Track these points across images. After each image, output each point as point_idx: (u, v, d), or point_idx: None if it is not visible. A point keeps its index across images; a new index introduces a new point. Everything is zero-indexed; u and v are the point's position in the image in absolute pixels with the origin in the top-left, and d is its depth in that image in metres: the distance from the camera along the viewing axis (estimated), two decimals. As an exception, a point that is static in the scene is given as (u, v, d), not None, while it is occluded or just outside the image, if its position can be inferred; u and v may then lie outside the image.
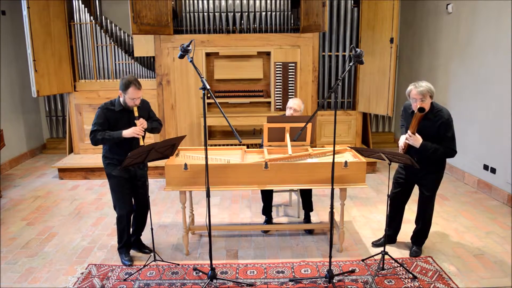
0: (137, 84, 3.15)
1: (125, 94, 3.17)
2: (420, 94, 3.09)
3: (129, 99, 3.17)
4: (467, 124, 5.23)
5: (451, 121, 3.18)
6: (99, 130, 3.17)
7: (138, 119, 3.22)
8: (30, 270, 3.36)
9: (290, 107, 3.91)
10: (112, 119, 3.22)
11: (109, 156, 3.30)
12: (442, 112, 3.18)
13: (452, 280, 3.13)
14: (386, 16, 5.37)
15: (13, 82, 6.36)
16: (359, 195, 4.95)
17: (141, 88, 3.20)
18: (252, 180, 3.32)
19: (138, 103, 3.22)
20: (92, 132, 3.17)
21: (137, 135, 3.19)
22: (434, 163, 3.27)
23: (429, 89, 3.10)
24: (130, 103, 3.20)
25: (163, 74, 5.73)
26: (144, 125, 3.24)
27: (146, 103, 3.41)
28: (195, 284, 3.11)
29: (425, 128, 3.17)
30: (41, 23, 5.28)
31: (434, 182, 3.34)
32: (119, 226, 3.41)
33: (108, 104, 3.25)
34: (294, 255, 3.55)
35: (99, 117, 3.19)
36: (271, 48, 5.69)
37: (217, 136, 6.06)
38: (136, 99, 3.18)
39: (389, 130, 7.37)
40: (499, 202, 4.66)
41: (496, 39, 4.68)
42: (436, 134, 3.18)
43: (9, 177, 5.83)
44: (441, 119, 3.16)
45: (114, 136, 3.17)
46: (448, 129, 3.16)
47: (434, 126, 3.17)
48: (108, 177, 3.35)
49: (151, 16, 5.33)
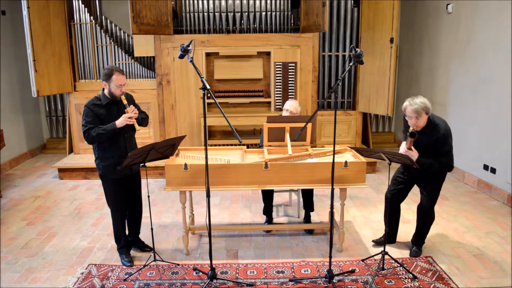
0: (119, 70, 3.12)
1: (109, 83, 3.11)
2: (414, 112, 3.06)
3: (114, 86, 3.11)
4: (467, 124, 5.23)
5: (447, 136, 3.14)
6: (92, 128, 3.10)
7: (129, 106, 3.16)
8: (30, 270, 3.36)
9: (287, 109, 3.91)
10: (101, 114, 3.15)
11: (104, 156, 3.24)
12: (439, 127, 3.14)
13: (452, 280, 3.13)
14: (386, 16, 5.37)
15: (13, 82, 6.36)
16: (359, 195, 4.95)
17: (124, 74, 3.15)
18: (252, 180, 3.32)
19: (124, 90, 3.16)
20: (86, 132, 3.11)
21: (130, 121, 3.12)
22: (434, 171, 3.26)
23: (423, 106, 3.05)
24: (116, 92, 3.13)
25: (163, 74, 5.73)
26: (135, 112, 3.17)
27: (130, 96, 3.33)
28: (195, 284, 3.11)
29: (422, 142, 3.16)
30: (41, 23, 5.28)
31: (436, 186, 3.33)
32: (115, 227, 3.42)
33: (94, 100, 3.18)
34: (294, 255, 3.55)
35: (88, 115, 3.12)
36: (271, 48, 5.69)
37: (217, 136, 6.06)
38: (122, 85, 3.13)
39: (389, 130, 7.36)
40: (499, 202, 4.66)
41: (496, 39, 4.68)
42: (433, 148, 3.15)
43: (9, 177, 5.83)
44: (437, 134, 3.12)
45: (108, 128, 3.11)
46: (444, 144, 3.13)
47: (431, 141, 3.14)
48: (104, 179, 3.33)
49: (151, 16, 5.33)
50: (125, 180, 3.36)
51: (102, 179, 3.34)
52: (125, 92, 3.20)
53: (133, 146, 3.36)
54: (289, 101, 3.97)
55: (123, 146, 3.25)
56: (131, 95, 3.39)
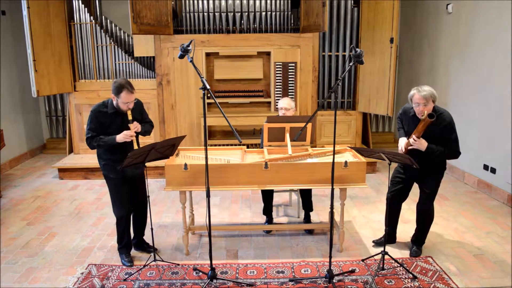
0: (129, 88, 3.11)
1: (118, 98, 3.13)
2: (423, 98, 3.09)
3: (122, 103, 3.14)
4: (467, 124, 5.22)
5: (453, 123, 3.20)
6: (94, 136, 3.17)
7: (132, 123, 3.19)
8: (30, 270, 3.36)
9: (281, 108, 3.92)
10: (105, 122, 3.19)
11: (104, 157, 3.28)
12: (444, 115, 3.18)
13: (452, 280, 3.13)
14: (386, 16, 5.37)
15: (13, 82, 6.36)
16: (359, 195, 4.95)
17: (134, 91, 3.16)
18: (252, 180, 3.32)
19: (131, 106, 3.19)
20: (88, 139, 3.18)
21: (129, 139, 3.17)
22: (435, 164, 3.27)
23: (431, 93, 3.11)
24: (123, 107, 3.16)
25: (163, 74, 5.73)
26: (138, 129, 3.22)
27: (139, 104, 3.36)
28: (195, 284, 3.11)
29: (428, 132, 3.17)
30: (41, 23, 5.28)
31: (435, 182, 3.35)
32: (119, 228, 3.40)
33: (100, 106, 3.21)
34: (294, 255, 3.55)
35: (92, 122, 3.17)
36: (271, 48, 5.69)
37: (217, 136, 6.06)
38: (129, 103, 3.15)
39: (389, 130, 7.36)
40: (499, 202, 4.66)
41: (496, 39, 4.68)
42: (439, 137, 3.18)
43: (9, 177, 5.83)
44: (444, 122, 3.16)
45: (108, 142, 3.17)
46: (452, 131, 3.18)
47: (437, 129, 3.17)
48: (106, 178, 3.34)
49: (151, 16, 5.33)
50: (128, 180, 3.36)
51: (105, 178, 3.35)
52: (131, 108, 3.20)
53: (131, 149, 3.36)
54: (281, 100, 3.97)
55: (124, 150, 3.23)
56: (141, 102, 3.43)
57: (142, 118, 3.40)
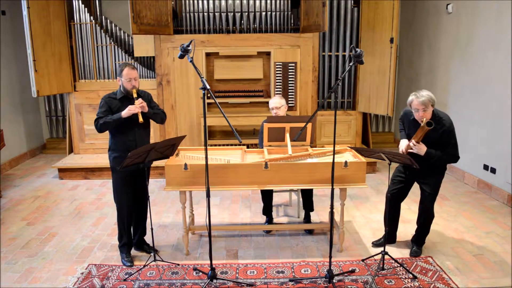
0: (131, 65, 3.27)
1: (121, 78, 3.26)
2: (422, 104, 3.09)
3: (125, 80, 3.24)
4: (467, 124, 5.22)
5: (453, 128, 3.19)
6: (102, 117, 3.25)
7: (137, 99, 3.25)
8: (30, 270, 3.36)
9: (272, 108, 3.91)
10: (114, 107, 3.30)
11: (115, 148, 3.34)
12: (444, 120, 3.18)
13: (452, 280, 3.13)
14: (386, 16, 5.37)
15: (13, 82, 6.36)
16: (359, 195, 4.95)
17: (136, 69, 3.29)
18: (252, 180, 3.32)
19: (136, 84, 3.28)
20: (96, 120, 3.27)
21: (133, 111, 3.20)
22: (435, 165, 3.27)
23: (430, 98, 3.09)
24: (128, 86, 3.26)
25: (163, 74, 5.73)
26: (144, 107, 3.26)
27: (146, 94, 3.47)
28: (195, 284, 3.11)
29: (428, 136, 3.16)
30: (41, 23, 5.28)
31: (436, 182, 3.35)
32: (119, 220, 3.41)
33: (110, 94, 3.37)
34: (294, 255, 3.55)
35: (102, 106, 3.30)
36: (271, 48, 5.69)
37: (217, 136, 6.05)
38: (132, 79, 3.25)
39: (389, 130, 7.36)
40: (499, 202, 4.66)
41: (496, 39, 4.68)
42: (438, 141, 3.18)
43: (9, 177, 5.83)
44: (443, 127, 3.16)
45: (114, 118, 3.23)
46: (451, 136, 3.18)
47: (436, 134, 3.17)
48: (112, 170, 3.38)
49: (151, 16, 5.33)
50: (134, 174, 3.36)
51: (112, 171, 3.39)
52: (137, 87, 3.30)
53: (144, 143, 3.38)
54: (270, 100, 3.95)
55: (133, 140, 3.31)
56: (150, 95, 3.52)
57: (151, 106, 3.44)
